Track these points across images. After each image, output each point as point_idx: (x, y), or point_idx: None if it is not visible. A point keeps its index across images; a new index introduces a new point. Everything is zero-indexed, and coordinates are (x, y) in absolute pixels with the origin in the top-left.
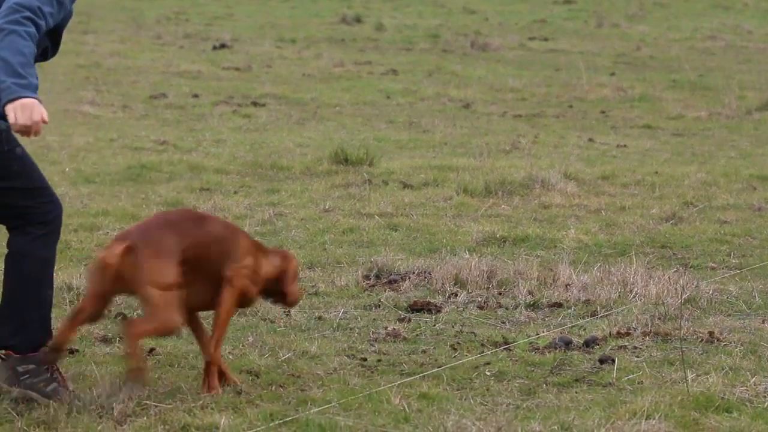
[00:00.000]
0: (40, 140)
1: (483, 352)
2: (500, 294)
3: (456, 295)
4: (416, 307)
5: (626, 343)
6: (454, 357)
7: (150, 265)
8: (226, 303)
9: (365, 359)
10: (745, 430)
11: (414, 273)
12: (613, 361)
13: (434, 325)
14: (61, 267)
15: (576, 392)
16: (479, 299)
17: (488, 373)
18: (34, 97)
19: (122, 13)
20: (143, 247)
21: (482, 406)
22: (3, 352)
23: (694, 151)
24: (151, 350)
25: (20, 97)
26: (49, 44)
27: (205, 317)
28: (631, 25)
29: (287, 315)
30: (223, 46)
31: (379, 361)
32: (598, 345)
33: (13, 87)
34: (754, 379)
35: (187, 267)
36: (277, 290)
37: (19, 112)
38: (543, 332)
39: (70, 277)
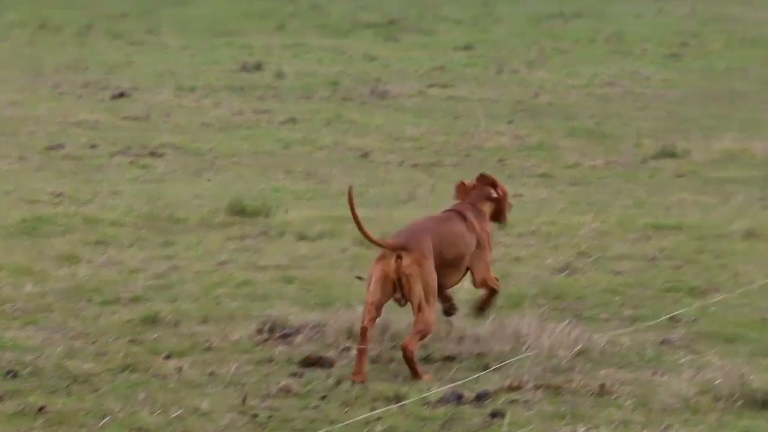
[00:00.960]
0: None
1: (375, 407)
2: (393, 348)
3: (349, 349)
4: (309, 362)
5: (518, 397)
6: (346, 412)
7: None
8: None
9: (256, 415)
10: None
11: (308, 327)
12: (504, 415)
13: (327, 380)
14: None
15: None
16: (373, 353)
17: (379, 429)
18: None
19: (20, 62)
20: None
21: None
22: None
23: (590, 200)
24: (41, 408)
25: None
26: None
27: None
28: (530, 72)
29: (179, 371)
30: (122, 94)
31: (270, 417)
32: (490, 399)
33: None
34: (645, 431)
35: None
36: None
37: None
38: (435, 386)
39: None
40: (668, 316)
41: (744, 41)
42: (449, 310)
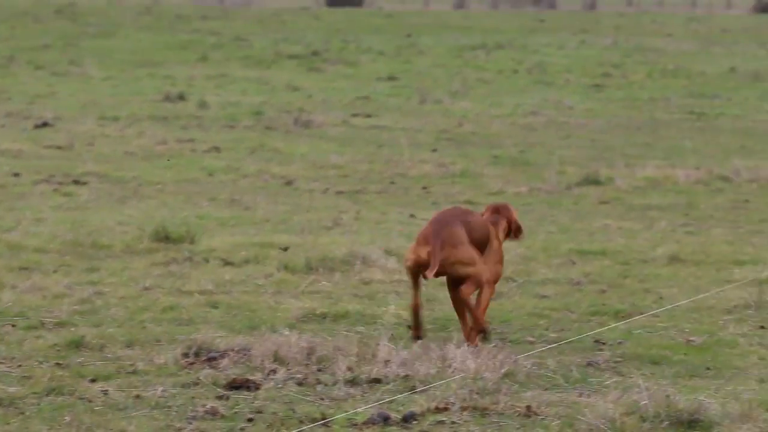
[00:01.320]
0: None
1: (301, 429)
2: (319, 370)
3: (275, 371)
4: (235, 385)
5: (444, 418)
6: None
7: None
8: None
9: None
10: None
11: (233, 350)
12: None
13: (253, 403)
14: None
15: None
16: (299, 376)
17: None
18: None
19: None
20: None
21: None
22: None
23: None
24: None
25: None
26: None
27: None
28: (453, 102)
29: (105, 394)
30: (45, 124)
31: None
32: (416, 420)
33: None
34: None
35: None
36: None
37: None
38: (361, 408)
39: None
40: (594, 332)
41: (665, 72)
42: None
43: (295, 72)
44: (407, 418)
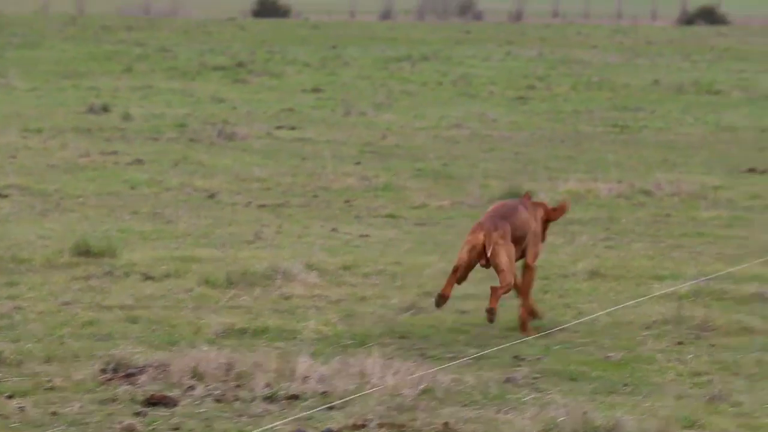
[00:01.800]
0: None
1: None
2: (238, 386)
3: (193, 388)
4: (153, 401)
5: None
6: None
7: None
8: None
9: None
10: None
11: (152, 366)
12: None
13: (170, 419)
14: None
15: None
16: (217, 392)
17: None
18: None
19: None
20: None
21: None
22: None
23: (437, 240)
24: None
25: None
26: None
27: None
28: (377, 114)
29: (22, 410)
30: None
31: None
32: None
33: None
34: None
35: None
36: None
37: None
38: (279, 425)
39: None
40: (512, 346)
41: (589, 84)
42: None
43: (219, 83)
44: None
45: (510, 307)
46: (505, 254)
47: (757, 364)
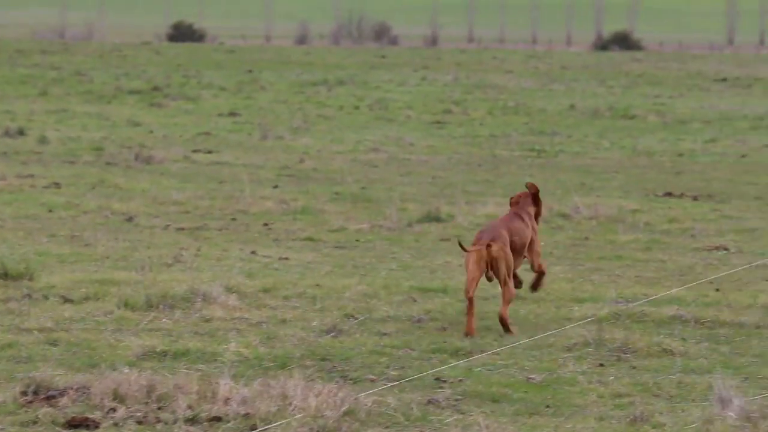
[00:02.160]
0: None
1: None
2: (159, 408)
3: (115, 410)
4: (74, 423)
5: None
6: None
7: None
8: None
9: None
10: None
11: (73, 388)
12: None
13: None
14: None
15: None
16: (138, 414)
17: None
18: None
19: None
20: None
21: None
22: None
23: (356, 263)
24: None
25: None
26: None
27: None
28: (295, 138)
29: None
30: None
31: None
32: None
33: None
34: None
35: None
36: None
37: None
38: None
39: None
40: (434, 370)
41: (506, 109)
42: (516, 285)
43: (135, 107)
44: None
45: (430, 330)
46: (504, 266)
47: (677, 386)
